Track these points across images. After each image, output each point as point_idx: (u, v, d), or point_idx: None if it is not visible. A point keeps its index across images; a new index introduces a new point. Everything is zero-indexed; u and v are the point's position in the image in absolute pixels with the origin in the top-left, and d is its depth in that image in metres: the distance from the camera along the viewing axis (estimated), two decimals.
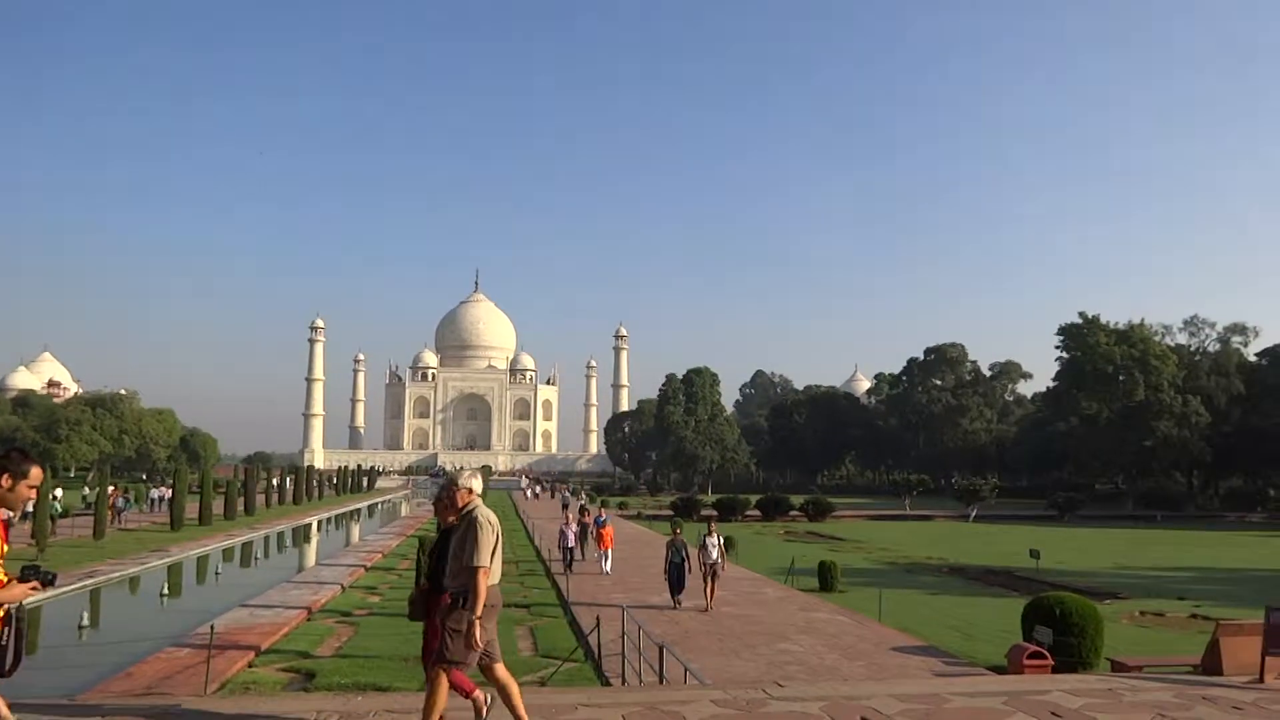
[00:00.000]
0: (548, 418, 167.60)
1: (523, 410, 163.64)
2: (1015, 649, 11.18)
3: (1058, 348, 77.53)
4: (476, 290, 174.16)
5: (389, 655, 12.86)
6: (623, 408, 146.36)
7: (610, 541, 23.63)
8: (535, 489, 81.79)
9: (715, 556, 17.31)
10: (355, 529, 46.78)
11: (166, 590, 22.07)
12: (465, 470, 7.76)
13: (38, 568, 3.96)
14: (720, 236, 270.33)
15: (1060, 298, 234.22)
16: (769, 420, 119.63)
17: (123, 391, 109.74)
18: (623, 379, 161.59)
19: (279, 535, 39.82)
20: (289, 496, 61.20)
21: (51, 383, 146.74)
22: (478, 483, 5.91)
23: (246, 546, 33.73)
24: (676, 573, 17.36)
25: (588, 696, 7.55)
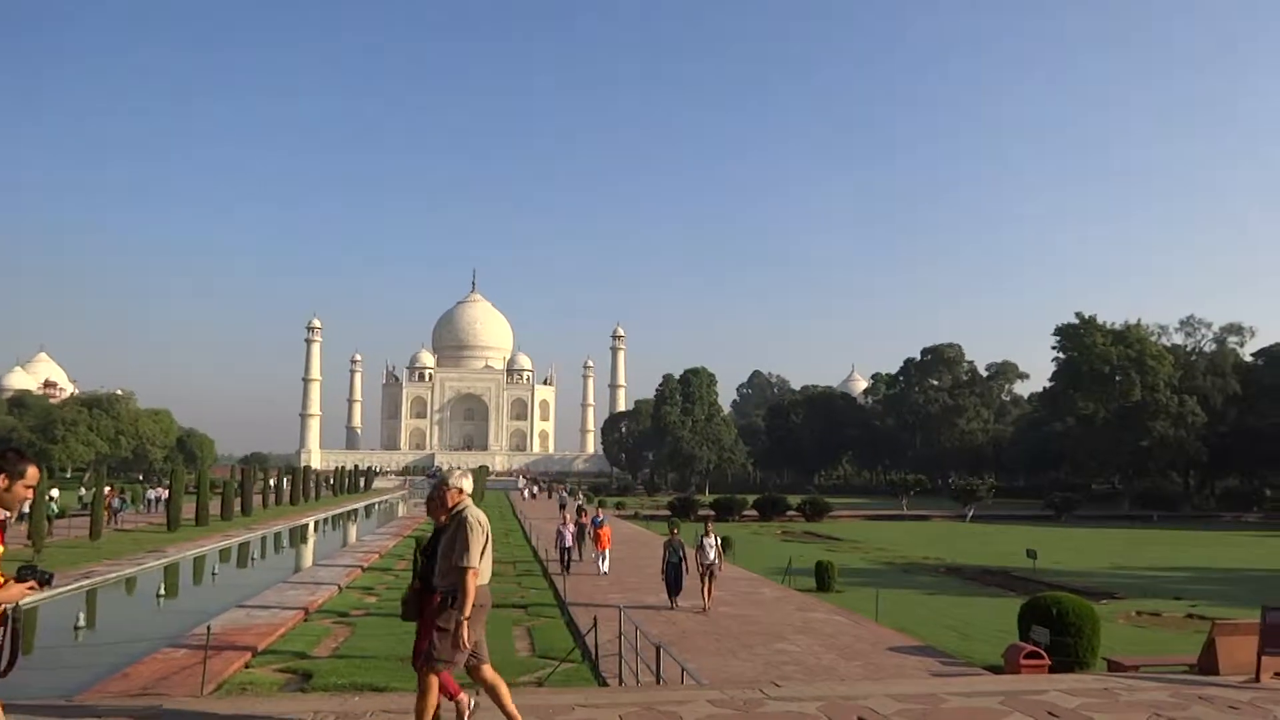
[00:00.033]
0: (545, 418, 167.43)
1: (520, 410, 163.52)
2: (1012, 649, 11.20)
3: (1054, 348, 77.66)
4: (474, 290, 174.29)
5: (386, 655, 12.84)
6: (620, 408, 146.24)
7: (607, 542, 23.64)
8: (532, 489, 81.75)
9: (712, 557, 17.29)
10: (352, 529, 46.71)
11: (163, 591, 22.06)
12: (456, 470, 7.76)
13: (34, 568, 3.95)
14: (720, 236, 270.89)
15: (1059, 298, 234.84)
16: (766, 420, 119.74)
17: (119, 392, 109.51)
18: (620, 379, 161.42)
19: (276, 536, 39.77)
20: (286, 497, 61.15)
21: (48, 383, 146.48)
22: (468, 482, 5.90)
23: (243, 547, 33.68)
24: (674, 573, 17.35)
25: (585, 697, 7.55)
